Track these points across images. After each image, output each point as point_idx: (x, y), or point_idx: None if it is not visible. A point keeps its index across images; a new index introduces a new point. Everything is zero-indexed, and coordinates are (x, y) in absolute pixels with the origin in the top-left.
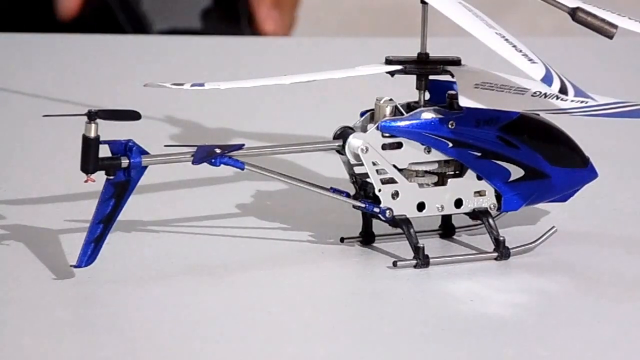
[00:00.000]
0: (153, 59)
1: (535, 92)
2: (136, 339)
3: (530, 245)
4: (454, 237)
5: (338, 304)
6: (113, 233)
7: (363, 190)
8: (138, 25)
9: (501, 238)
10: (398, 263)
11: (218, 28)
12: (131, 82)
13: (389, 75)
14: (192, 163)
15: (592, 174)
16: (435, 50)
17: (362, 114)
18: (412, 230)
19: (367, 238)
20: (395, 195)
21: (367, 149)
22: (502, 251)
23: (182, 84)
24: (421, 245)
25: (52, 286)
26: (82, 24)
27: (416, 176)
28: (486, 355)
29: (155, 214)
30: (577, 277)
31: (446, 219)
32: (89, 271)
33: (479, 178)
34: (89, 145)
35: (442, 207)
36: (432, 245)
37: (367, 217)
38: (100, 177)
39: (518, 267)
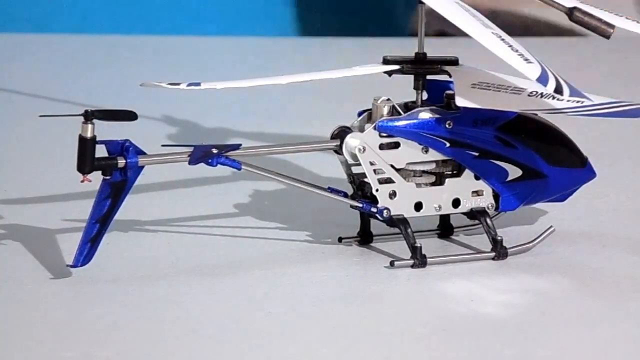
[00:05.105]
0: (150, 59)
1: (531, 92)
2: (136, 338)
3: (528, 245)
4: (452, 237)
5: (338, 304)
6: (112, 233)
7: (361, 190)
8: None
9: (499, 238)
10: (395, 263)
11: None
12: (128, 82)
13: (386, 75)
14: (189, 163)
15: (590, 174)
16: (433, 50)
17: (359, 114)
18: (409, 230)
19: (365, 238)
20: (392, 195)
21: (364, 149)
22: (499, 251)
23: (178, 84)
24: (418, 245)
25: (51, 286)
26: None
27: (414, 176)
28: (486, 355)
29: (153, 213)
30: (577, 277)
31: (444, 219)
32: (89, 271)
33: (477, 178)
34: (86, 145)
35: (440, 207)
36: (430, 245)
37: (365, 217)
38: (96, 176)
39: (518, 267)
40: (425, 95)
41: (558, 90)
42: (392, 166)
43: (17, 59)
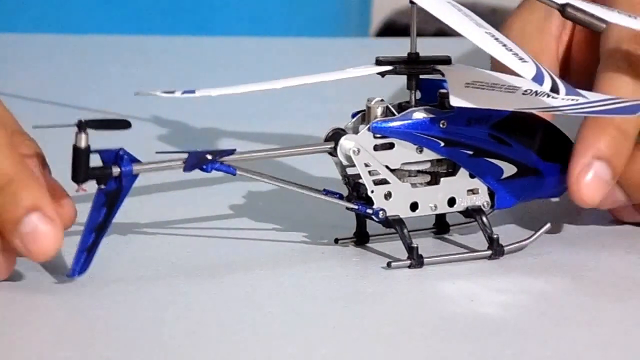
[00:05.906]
0: (150, 59)
1: (526, 91)
2: (136, 339)
3: (524, 243)
4: (448, 235)
5: (338, 304)
6: (112, 235)
7: (356, 191)
8: None
9: (495, 236)
10: (392, 264)
11: None
12: (128, 82)
13: (379, 76)
14: (184, 170)
15: None
16: (426, 50)
17: (353, 115)
18: (405, 231)
19: (361, 238)
20: (388, 195)
21: (359, 151)
22: (495, 249)
23: (172, 92)
24: (415, 246)
25: (51, 286)
26: None
27: (409, 176)
28: (486, 355)
29: (153, 214)
30: (577, 277)
31: (440, 217)
32: (89, 271)
33: (472, 176)
34: (80, 155)
35: (436, 206)
36: (426, 244)
37: (361, 218)
38: (92, 185)
39: (517, 267)
40: (419, 95)
41: (554, 89)
42: (387, 167)
43: (17, 59)
